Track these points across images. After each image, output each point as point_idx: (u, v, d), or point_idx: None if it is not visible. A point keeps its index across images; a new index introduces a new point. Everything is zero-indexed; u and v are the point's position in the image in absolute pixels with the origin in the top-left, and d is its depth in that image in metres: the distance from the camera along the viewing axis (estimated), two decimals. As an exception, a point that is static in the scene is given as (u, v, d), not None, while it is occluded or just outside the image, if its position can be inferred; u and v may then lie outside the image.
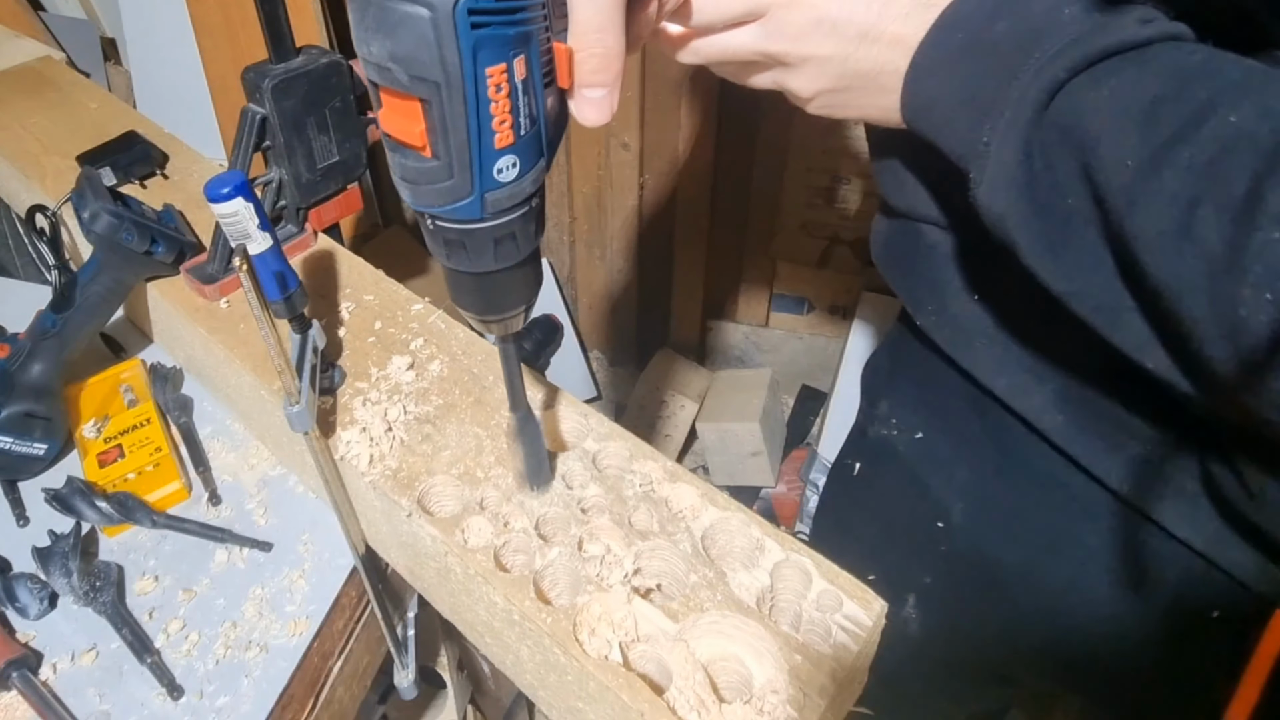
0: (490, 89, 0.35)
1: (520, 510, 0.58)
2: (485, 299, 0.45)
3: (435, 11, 0.33)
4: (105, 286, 0.74)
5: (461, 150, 0.37)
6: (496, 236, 0.41)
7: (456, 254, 0.42)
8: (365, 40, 0.35)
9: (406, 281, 0.78)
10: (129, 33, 1.83)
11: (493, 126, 0.36)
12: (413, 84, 0.35)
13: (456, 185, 0.38)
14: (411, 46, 0.34)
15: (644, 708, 0.47)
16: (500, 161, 0.38)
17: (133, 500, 0.71)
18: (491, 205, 0.39)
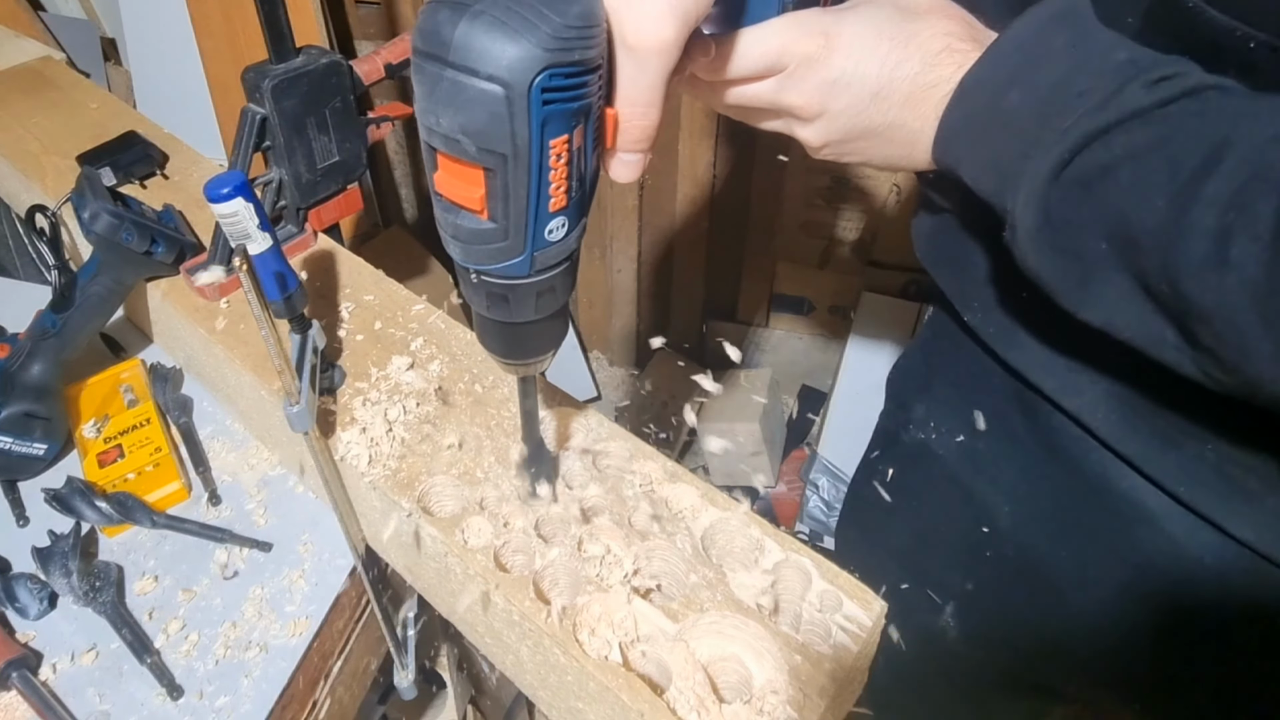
0: (552, 158, 0.37)
1: (520, 510, 0.58)
2: (518, 346, 0.47)
3: (511, 89, 0.34)
4: (105, 286, 0.74)
5: (519, 215, 0.38)
6: (539, 290, 0.42)
7: (498, 306, 0.43)
8: (434, 112, 0.36)
9: (406, 281, 0.78)
10: (129, 33, 1.83)
11: (549, 192, 0.38)
12: (480, 155, 0.36)
13: (510, 246, 0.39)
14: (484, 121, 0.35)
15: (644, 708, 0.47)
16: (552, 223, 0.39)
17: (132, 500, 0.71)
18: (539, 263, 0.41)
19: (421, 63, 0.36)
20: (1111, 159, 0.39)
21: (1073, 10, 0.44)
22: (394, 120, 0.84)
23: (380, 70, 0.82)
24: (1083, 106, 0.40)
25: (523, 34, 0.33)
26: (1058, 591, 0.62)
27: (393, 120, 0.84)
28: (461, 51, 0.34)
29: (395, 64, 0.83)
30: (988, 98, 0.44)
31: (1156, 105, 0.39)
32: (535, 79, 0.34)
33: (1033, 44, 0.44)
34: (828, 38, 0.46)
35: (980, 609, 0.70)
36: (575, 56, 0.35)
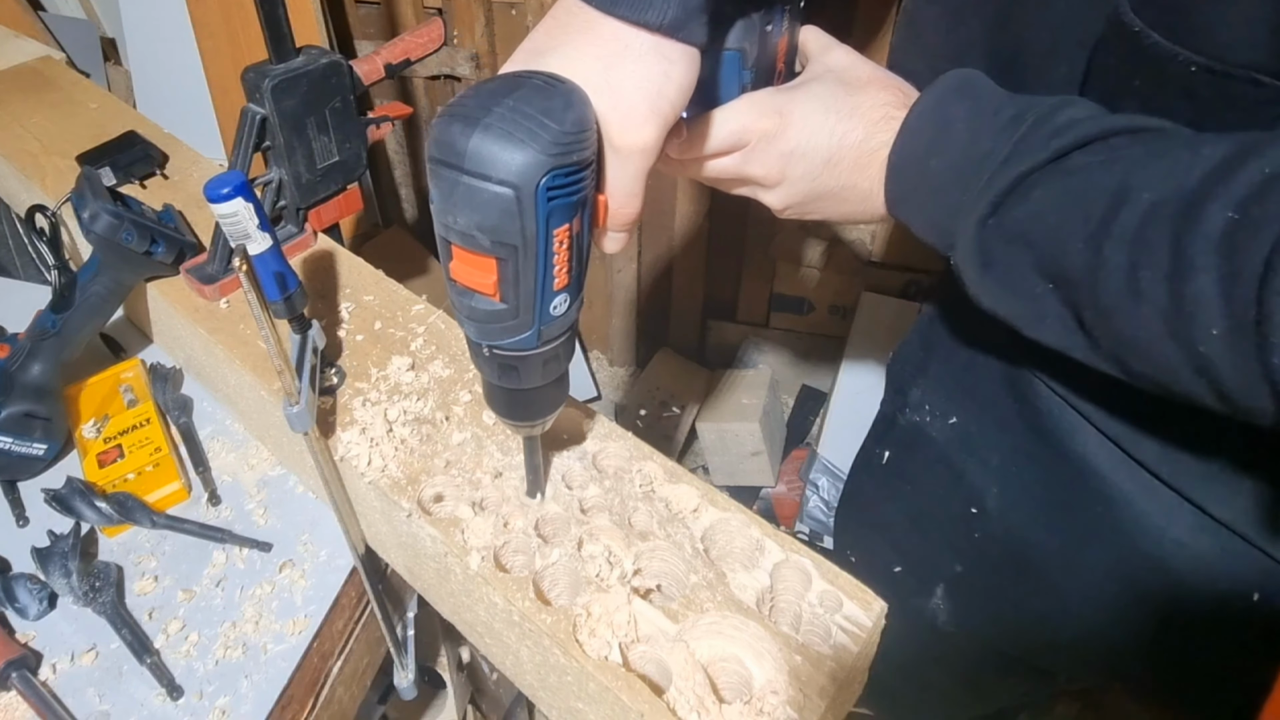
0: (556, 245, 0.41)
1: (520, 510, 0.58)
2: (525, 409, 0.51)
3: (520, 191, 0.38)
4: (105, 287, 0.74)
5: (528, 296, 0.43)
6: (545, 359, 0.47)
7: (508, 375, 0.48)
8: (451, 212, 0.40)
9: (406, 281, 0.78)
10: (129, 33, 1.83)
11: (554, 274, 0.43)
12: (494, 247, 0.40)
13: (519, 324, 0.44)
14: (497, 219, 0.39)
15: (644, 708, 0.47)
16: (556, 300, 0.44)
17: (132, 501, 0.71)
18: (545, 335, 0.45)
19: (438, 169, 0.40)
20: (1030, 211, 0.44)
21: (968, 81, 0.50)
22: (394, 120, 0.84)
23: (380, 70, 0.82)
24: (991, 167, 0.46)
25: (528, 143, 0.38)
26: (1043, 573, 0.64)
27: (393, 120, 0.84)
28: (475, 160, 0.38)
29: (395, 64, 0.83)
30: (915, 168, 0.51)
31: (1055, 157, 0.44)
32: (541, 180, 0.38)
33: (938, 116, 0.50)
34: (782, 115, 0.52)
35: (968, 590, 0.71)
36: (574, 158, 0.40)
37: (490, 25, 1.71)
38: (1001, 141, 0.46)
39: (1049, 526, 0.63)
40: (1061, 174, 0.43)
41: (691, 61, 0.44)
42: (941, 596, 0.73)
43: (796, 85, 0.54)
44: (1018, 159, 0.45)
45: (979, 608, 0.71)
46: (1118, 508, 0.58)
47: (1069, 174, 0.43)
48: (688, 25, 0.43)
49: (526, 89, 0.40)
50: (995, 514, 0.66)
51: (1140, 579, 0.58)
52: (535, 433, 0.53)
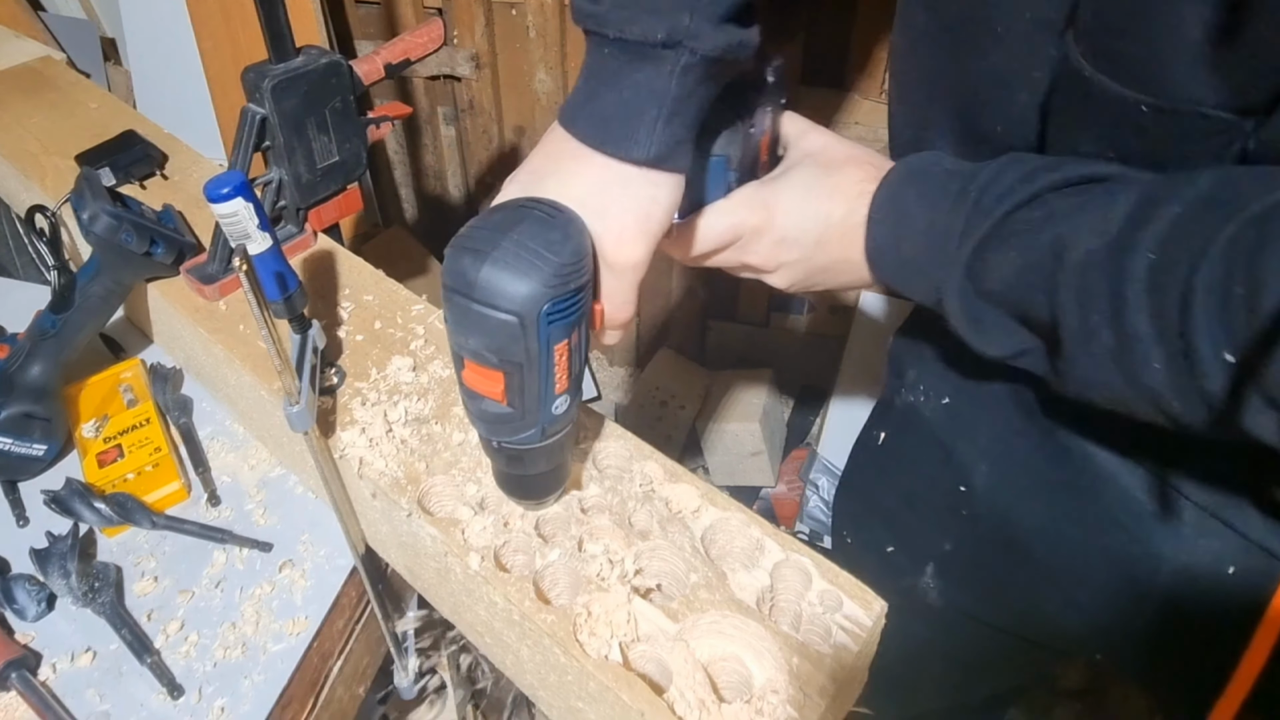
0: (556, 358, 0.46)
1: (520, 510, 0.58)
2: (531, 491, 0.56)
3: (524, 318, 0.43)
4: (105, 287, 0.74)
5: (533, 401, 0.47)
6: (549, 450, 0.51)
7: (515, 464, 0.52)
8: (463, 333, 0.45)
9: (406, 281, 0.78)
10: (129, 33, 1.83)
11: (554, 381, 0.47)
12: (501, 364, 0.45)
13: (525, 424, 0.48)
14: (503, 341, 0.44)
15: (644, 708, 0.47)
16: (557, 401, 0.48)
17: (132, 501, 0.71)
18: (548, 431, 0.50)
19: (451, 296, 0.44)
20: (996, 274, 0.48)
21: (915, 168, 0.54)
22: (394, 120, 0.84)
23: (380, 70, 0.82)
24: (954, 241, 0.50)
25: (530, 275, 0.42)
26: (1028, 549, 0.65)
27: (393, 120, 0.84)
28: (484, 291, 0.43)
29: (395, 64, 0.83)
30: (891, 255, 0.55)
31: (1001, 219, 0.48)
32: (542, 309, 0.43)
33: (895, 206, 0.54)
34: (768, 208, 0.56)
35: (957, 568, 0.73)
36: (571, 285, 0.44)
37: (490, 25, 1.71)
38: (955, 218, 0.50)
39: (1035, 504, 0.64)
40: (1009, 236, 0.47)
41: (676, 184, 0.48)
42: (932, 575, 0.75)
43: (778, 175, 0.58)
44: (972, 229, 0.49)
45: (967, 585, 0.73)
46: (1103, 484, 0.59)
47: (1015, 235, 0.47)
48: (671, 157, 0.47)
49: (529, 222, 0.44)
50: (983, 492, 0.67)
51: (1123, 555, 0.60)
52: (541, 510, 0.58)
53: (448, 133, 1.94)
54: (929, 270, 0.52)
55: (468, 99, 1.85)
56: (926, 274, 0.52)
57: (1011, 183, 0.48)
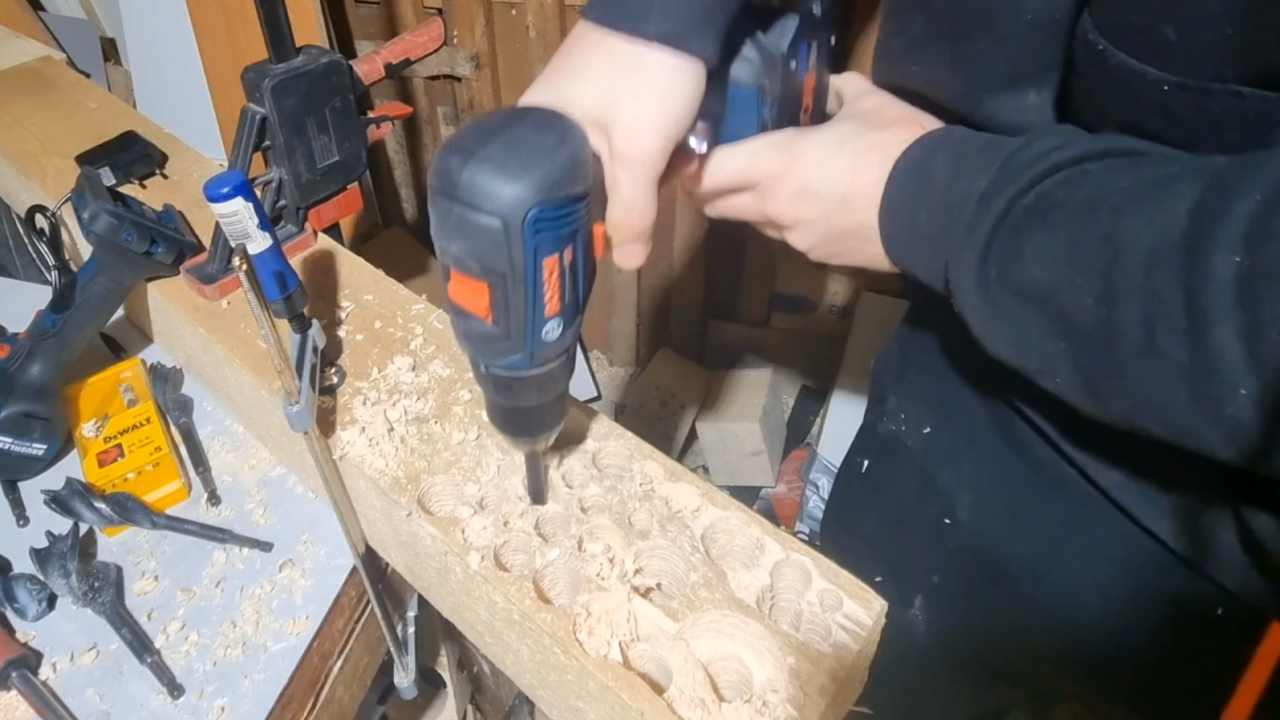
0: (545, 274, 0.43)
1: (520, 510, 0.58)
2: (524, 426, 0.52)
3: (507, 222, 0.40)
4: (105, 287, 0.74)
5: (519, 321, 0.44)
6: (540, 381, 0.48)
7: (504, 393, 0.49)
8: (446, 237, 0.42)
9: (406, 281, 0.78)
10: (129, 33, 1.83)
11: (543, 301, 0.44)
12: (484, 273, 0.42)
13: (511, 345, 0.45)
14: (485, 247, 0.41)
15: (644, 707, 0.47)
16: (548, 326, 0.45)
17: (132, 501, 0.71)
18: (538, 358, 0.47)
19: (435, 197, 0.42)
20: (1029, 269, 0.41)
21: (948, 134, 0.49)
22: (394, 120, 0.84)
23: (380, 70, 0.82)
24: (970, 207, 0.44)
25: (517, 176, 0.40)
26: (1014, 581, 0.64)
27: (392, 120, 0.84)
28: (467, 190, 0.40)
29: (395, 64, 0.83)
30: (905, 222, 0.49)
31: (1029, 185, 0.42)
32: (528, 214, 0.40)
33: (920, 169, 0.49)
34: (792, 154, 0.51)
35: (945, 600, 0.71)
36: (563, 193, 0.41)
37: (490, 25, 1.71)
38: (978, 180, 0.45)
39: (1020, 536, 0.63)
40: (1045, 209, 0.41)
41: (695, 75, 0.45)
42: (920, 607, 0.73)
43: (820, 126, 0.54)
44: (994, 193, 0.43)
45: (955, 618, 0.72)
46: (1087, 510, 0.58)
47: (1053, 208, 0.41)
48: (685, 36, 0.43)
49: (524, 125, 0.42)
50: (968, 524, 0.66)
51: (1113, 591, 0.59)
52: (535, 448, 0.54)
53: (448, 132, 1.94)
54: (941, 241, 0.47)
55: (468, 99, 1.85)
56: (938, 247, 0.47)
57: (1043, 150, 0.43)
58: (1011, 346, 0.45)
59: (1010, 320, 0.43)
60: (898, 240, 0.51)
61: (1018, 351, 0.44)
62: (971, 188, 0.45)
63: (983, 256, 0.43)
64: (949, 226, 0.46)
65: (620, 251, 0.48)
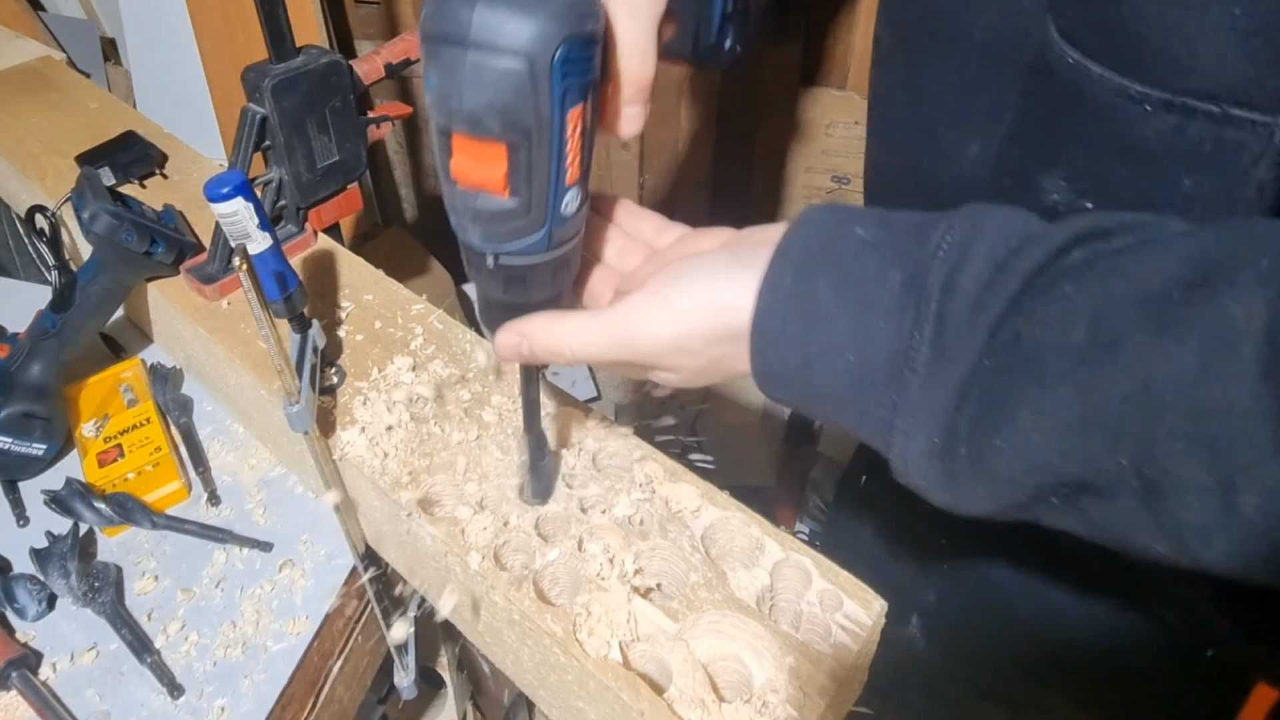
0: (570, 129, 0.38)
1: (520, 510, 0.58)
2: None
3: (535, 64, 0.35)
4: (105, 287, 0.74)
5: (541, 190, 0.39)
6: (555, 267, 0.43)
7: (515, 288, 0.43)
8: (455, 95, 0.36)
9: (406, 281, 0.78)
10: (129, 33, 1.83)
11: (566, 165, 0.39)
12: (505, 132, 0.36)
13: (530, 223, 0.40)
14: (509, 97, 0.35)
15: (644, 707, 0.47)
16: (568, 196, 0.40)
17: (132, 502, 0.71)
18: (556, 238, 0.41)
19: (437, 48, 0.36)
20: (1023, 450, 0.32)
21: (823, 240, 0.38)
22: (394, 120, 0.84)
23: (380, 70, 0.82)
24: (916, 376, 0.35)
25: (538, 9, 0.34)
26: (1008, 602, 0.64)
27: (393, 120, 0.84)
28: (482, 30, 0.34)
29: (395, 64, 0.83)
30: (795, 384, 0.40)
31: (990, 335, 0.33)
32: (556, 52, 0.35)
33: (800, 307, 0.37)
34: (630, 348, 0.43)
35: (941, 620, 0.71)
36: (588, 27, 0.36)
37: (490, 25, 1.71)
38: (904, 332, 0.35)
39: (1014, 561, 0.63)
40: (1034, 378, 0.32)
41: None
42: (917, 625, 0.73)
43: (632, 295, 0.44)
44: (947, 358, 0.34)
45: (951, 638, 0.71)
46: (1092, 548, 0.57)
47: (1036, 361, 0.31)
48: None
49: None
50: (962, 544, 0.66)
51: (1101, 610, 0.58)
52: None
53: (448, 133, 1.94)
54: (866, 409, 0.38)
55: (468, 99, 1.84)
56: (859, 414, 0.38)
57: (980, 276, 0.33)
58: (977, 503, 0.37)
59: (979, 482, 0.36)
60: (791, 400, 0.42)
61: (984, 504, 0.37)
62: (900, 346, 0.35)
63: (948, 435, 0.35)
64: (875, 394, 0.37)
65: (625, 116, 0.42)
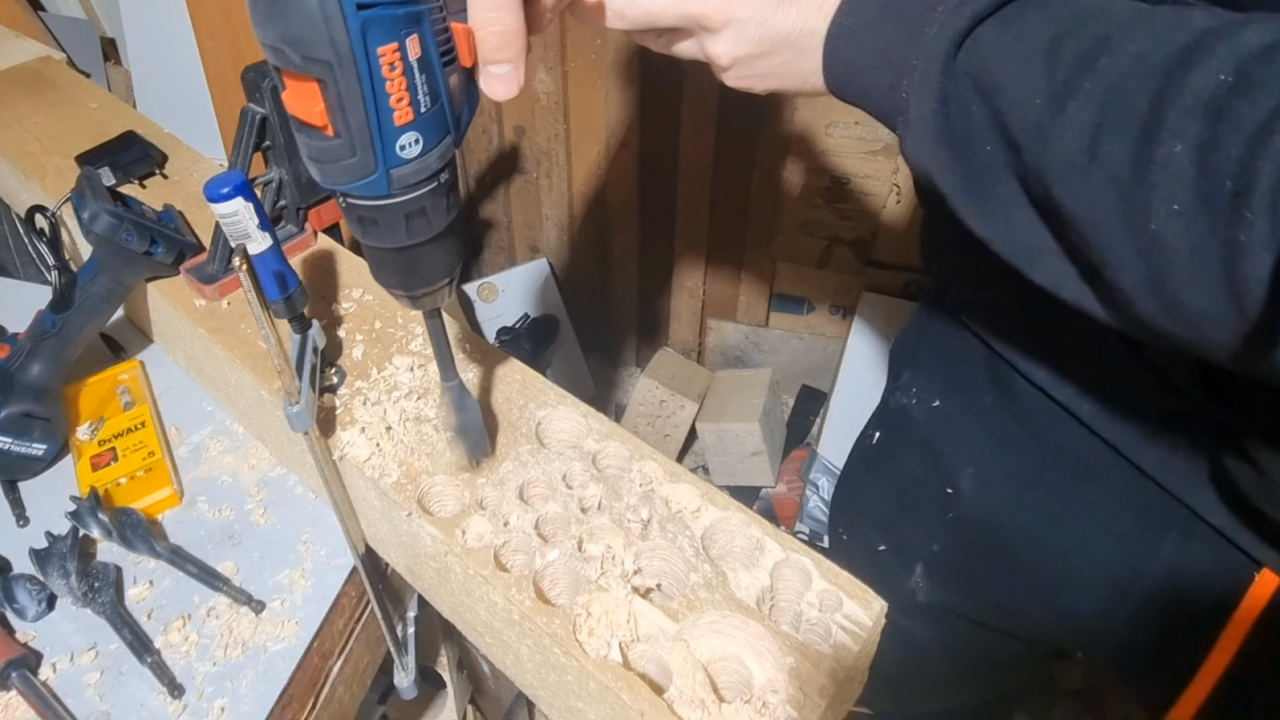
0: (384, 68, 0.37)
1: (520, 510, 0.58)
2: (406, 274, 0.47)
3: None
4: (105, 287, 0.74)
5: (361, 128, 0.38)
6: (407, 212, 0.42)
7: (370, 230, 0.43)
8: (260, 24, 0.36)
9: (406, 281, 0.78)
10: (129, 33, 1.83)
11: (390, 104, 0.38)
12: (306, 64, 0.36)
13: (360, 163, 0.39)
14: (301, 28, 0.35)
15: (644, 707, 0.47)
16: (402, 139, 0.39)
17: (142, 529, 0.69)
18: (398, 182, 0.41)
19: None
20: (997, 50, 0.38)
21: None
22: (394, 120, 0.84)
23: (380, 70, 0.82)
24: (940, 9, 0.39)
25: None
26: (1012, 549, 0.66)
27: (392, 120, 0.83)
28: None
29: (395, 64, 0.83)
30: (858, 37, 0.43)
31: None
32: None
33: None
34: None
35: (945, 569, 0.73)
36: None
37: (490, 25, 1.70)
38: None
39: (1021, 508, 0.64)
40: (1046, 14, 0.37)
41: None
42: (920, 575, 0.75)
43: None
44: None
45: (953, 585, 0.73)
46: (1089, 489, 0.59)
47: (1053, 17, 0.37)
48: None
49: None
50: (970, 495, 0.67)
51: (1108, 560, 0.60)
52: (430, 305, 0.49)
53: (448, 133, 1.94)
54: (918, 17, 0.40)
55: (468, 99, 1.84)
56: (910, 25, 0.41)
57: None
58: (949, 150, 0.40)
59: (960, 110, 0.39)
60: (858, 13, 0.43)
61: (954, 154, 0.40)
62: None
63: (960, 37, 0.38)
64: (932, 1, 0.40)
65: (486, 73, 0.41)
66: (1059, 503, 0.62)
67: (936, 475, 0.70)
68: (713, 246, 1.85)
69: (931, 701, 0.89)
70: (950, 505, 0.69)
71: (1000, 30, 0.38)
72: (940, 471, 0.69)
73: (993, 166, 0.39)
